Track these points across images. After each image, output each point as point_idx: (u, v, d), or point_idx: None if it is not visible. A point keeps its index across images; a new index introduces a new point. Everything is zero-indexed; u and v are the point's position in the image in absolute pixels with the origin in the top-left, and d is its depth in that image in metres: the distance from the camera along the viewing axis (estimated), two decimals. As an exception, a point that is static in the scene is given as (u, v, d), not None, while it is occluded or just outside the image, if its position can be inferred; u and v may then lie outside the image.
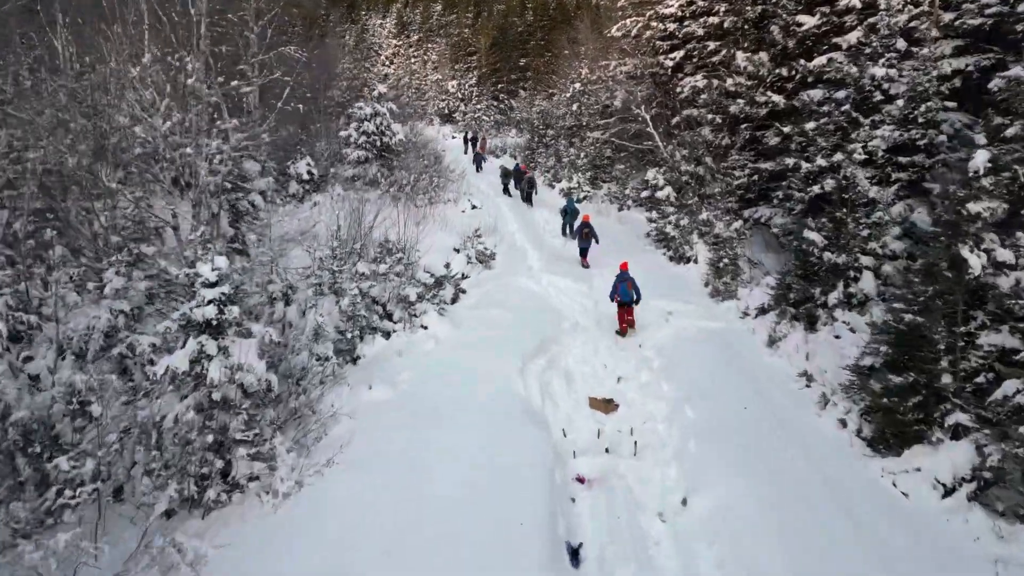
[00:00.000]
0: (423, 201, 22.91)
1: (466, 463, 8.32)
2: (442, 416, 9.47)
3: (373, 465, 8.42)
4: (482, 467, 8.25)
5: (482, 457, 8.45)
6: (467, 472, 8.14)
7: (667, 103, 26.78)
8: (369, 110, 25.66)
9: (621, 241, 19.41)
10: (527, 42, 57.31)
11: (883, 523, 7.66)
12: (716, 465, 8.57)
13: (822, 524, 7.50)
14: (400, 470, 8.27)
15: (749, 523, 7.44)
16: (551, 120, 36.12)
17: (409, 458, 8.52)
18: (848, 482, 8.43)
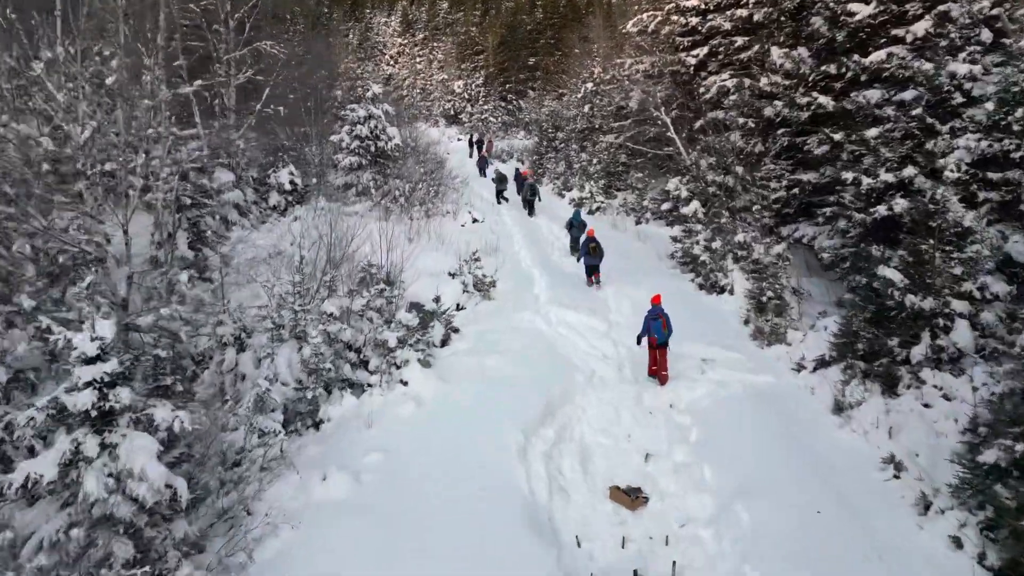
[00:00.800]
0: (419, 213, 20.48)
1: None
2: (416, 526, 7.02)
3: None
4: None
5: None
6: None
7: (689, 104, 24.22)
8: (363, 112, 23.25)
9: (641, 261, 16.90)
10: (536, 40, 54.75)
11: None
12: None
13: None
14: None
15: None
16: (561, 122, 33.63)
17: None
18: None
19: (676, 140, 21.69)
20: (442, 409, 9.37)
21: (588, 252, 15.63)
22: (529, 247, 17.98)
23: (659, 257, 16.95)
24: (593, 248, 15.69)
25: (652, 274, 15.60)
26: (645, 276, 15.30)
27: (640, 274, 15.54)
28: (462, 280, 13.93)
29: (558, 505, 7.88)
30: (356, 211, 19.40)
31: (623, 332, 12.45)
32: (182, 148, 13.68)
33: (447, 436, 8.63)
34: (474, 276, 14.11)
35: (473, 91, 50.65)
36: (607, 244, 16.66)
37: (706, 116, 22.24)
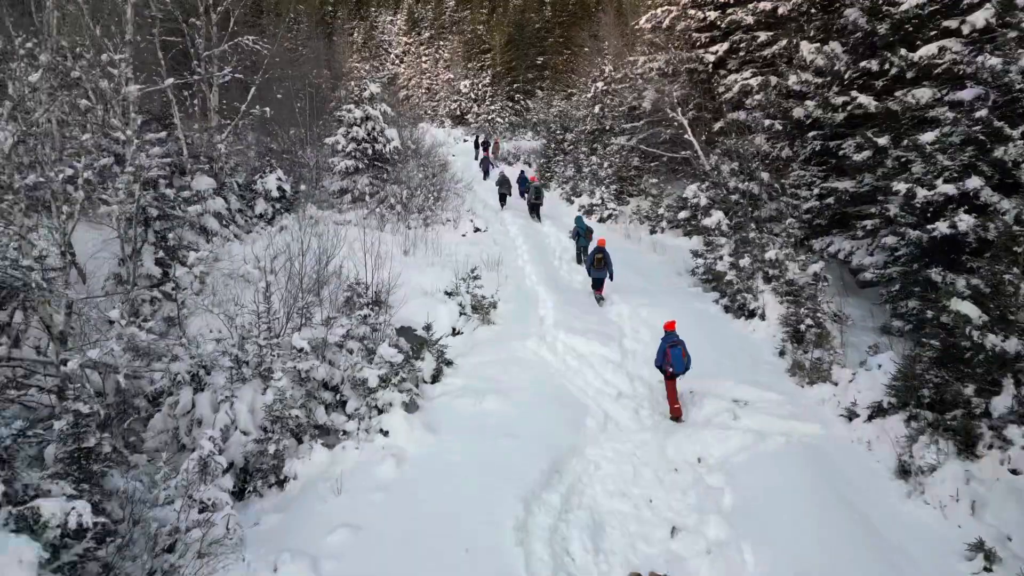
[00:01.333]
0: (417, 222, 18.96)
1: None
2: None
3: None
4: None
5: None
6: None
7: (706, 105, 22.60)
8: (359, 113, 21.76)
9: (657, 277, 15.31)
10: (545, 39, 53.16)
11: None
12: None
13: None
14: None
15: None
16: (570, 123, 32.05)
17: None
18: None
19: (694, 143, 20.08)
20: (427, 469, 7.83)
21: (592, 264, 14.14)
22: (535, 260, 16.42)
23: (678, 272, 15.35)
24: (598, 260, 14.17)
25: (671, 293, 14.02)
26: (663, 295, 13.73)
27: (657, 292, 13.96)
28: (459, 301, 12.39)
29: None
30: (349, 220, 17.91)
31: (639, 363, 10.88)
32: (148, 152, 12.20)
33: (431, 507, 7.08)
34: (473, 296, 12.57)
35: (480, 91, 49.13)
36: (619, 256, 15.13)
37: (726, 117, 20.63)
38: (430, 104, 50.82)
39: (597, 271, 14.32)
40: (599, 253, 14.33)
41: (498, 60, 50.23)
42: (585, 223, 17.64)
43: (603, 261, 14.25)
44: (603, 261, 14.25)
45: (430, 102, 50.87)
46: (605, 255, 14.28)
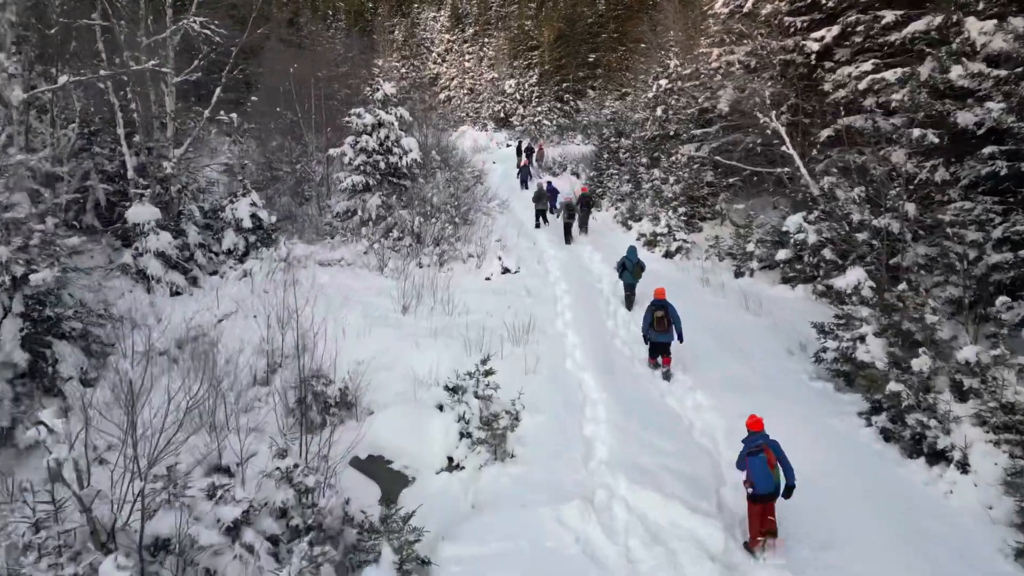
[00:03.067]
0: (431, 257, 14.59)
1: None
2: None
3: None
4: None
5: None
6: None
7: (806, 106, 17.52)
8: (370, 119, 17.61)
9: (755, 354, 10.48)
10: (598, 35, 48.27)
11: None
12: None
13: None
14: None
15: None
16: (625, 127, 27.23)
17: None
18: None
19: (794, 157, 15.06)
20: None
21: (651, 323, 9.97)
22: (580, 319, 11.77)
23: (789, 350, 10.45)
24: (659, 318, 9.97)
25: (783, 388, 9.21)
26: (772, 392, 8.94)
27: (762, 386, 9.19)
28: (461, 412, 7.88)
29: None
30: (340, 258, 13.64)
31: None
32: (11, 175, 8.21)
33: None
34: (482, 402, 8.04)
35: (526, 91, 44.61)
36: (696, 313, 10.65)
37: (837, 122, 15.55)
38: (472, 106, 46.57)
39: (659, 333, 10.02)
40: (660, 309, 10.02)
41: (546, 58, 45.59)
42: (637, 255, 13.15)
43: (666, 320, 9.98)
44: (666, 320, 9.98)
45: (472, 103, 46.63)
46: (668, 311, 9.98)
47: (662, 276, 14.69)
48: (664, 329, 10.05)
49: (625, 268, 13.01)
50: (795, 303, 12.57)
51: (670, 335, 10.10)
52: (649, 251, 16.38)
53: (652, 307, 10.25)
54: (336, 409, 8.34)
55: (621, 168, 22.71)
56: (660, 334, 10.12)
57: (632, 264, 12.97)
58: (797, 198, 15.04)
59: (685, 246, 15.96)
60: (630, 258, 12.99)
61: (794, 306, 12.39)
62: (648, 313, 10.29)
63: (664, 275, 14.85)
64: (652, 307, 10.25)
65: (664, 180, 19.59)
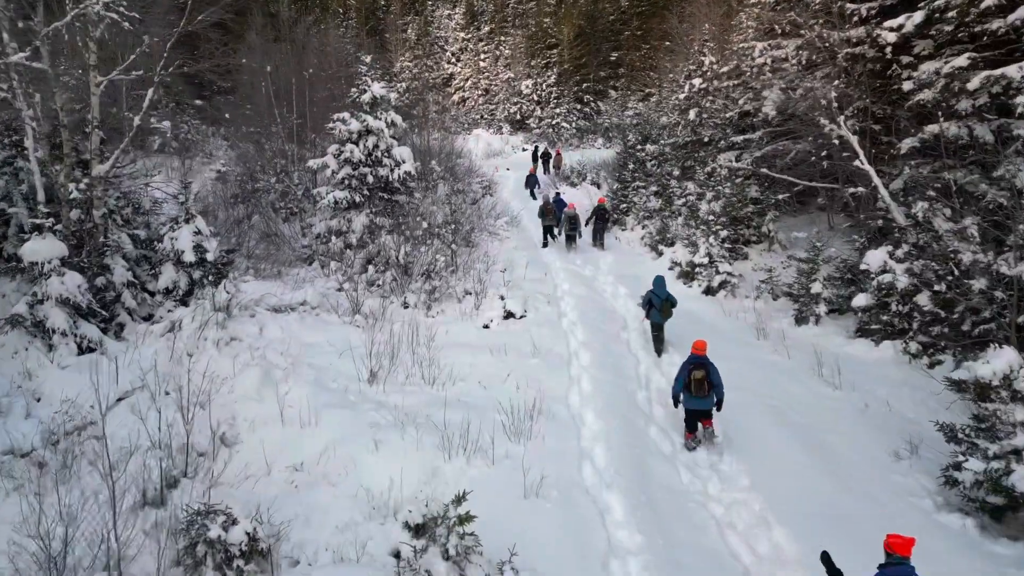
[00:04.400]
0: (418, 296, 11.79)
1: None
2: None
3: None
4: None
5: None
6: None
7: (875, 111, 14.44)
8: (356, 125, 14.93)
9: (837, 449, 7.50)
10: (620, 32, 45.20)
11: None
12: None
13: None
14: None
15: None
16: (651, 130, 24.23)
17: None
18: None
19: (871, 175, 11.97)
20: None
21: (686, 384, 7.64)
22: (604, 392, 8.84)
23: (895, 455, 7.41)
24: (699, 380, 7.62)
25: (898, 523, 6.20)
26: (885, 532, 5.93)
27: (870, 520, 6.23)
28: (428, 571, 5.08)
29: None
30: (302, 301, 10.87)
31: None
32: None
33: None
34: (452, 564, 5.21)
35: (543, 91, 41.68)
36: (750, 377, 8.37)
37: (924, 130, 12.44)
38: (487, 107, 43.74)
39: (697, 398, 7.65)
40: (699, 367, 7.63)
41: (566, 56, 42.63)
42: (666, 287, 10.64)
43: (707, 383, 7.57)
44: (707, 383, 7.57)
45: (487, 105, 43.81)
46: (708, 369, 7.73)
47: (702, 320, 11.77)
48: (704, 394, 7.63)
49: (652, 305, 10.42)
50: (883, 368, 9.55)
51: (711, 401, 7.67)
52: (685, 285, 13.42)
53: (689, 364, 7.74)
54: (242, 562, 5.57)
55: (648, 179, 19.72)
56: (699, 400, 7.68)
57: (660, 300, 10.37)
58: (875, 221, 11.99)
59: (730, 281, 12.96)
60: (657, 292, 10.40)
61: (883, 372, 9.38)
62: (683, 371, 7.77)
63: (705, 318, 11.91)
64: (689, 364, 7.74)
65: (700, 195, 16.59)
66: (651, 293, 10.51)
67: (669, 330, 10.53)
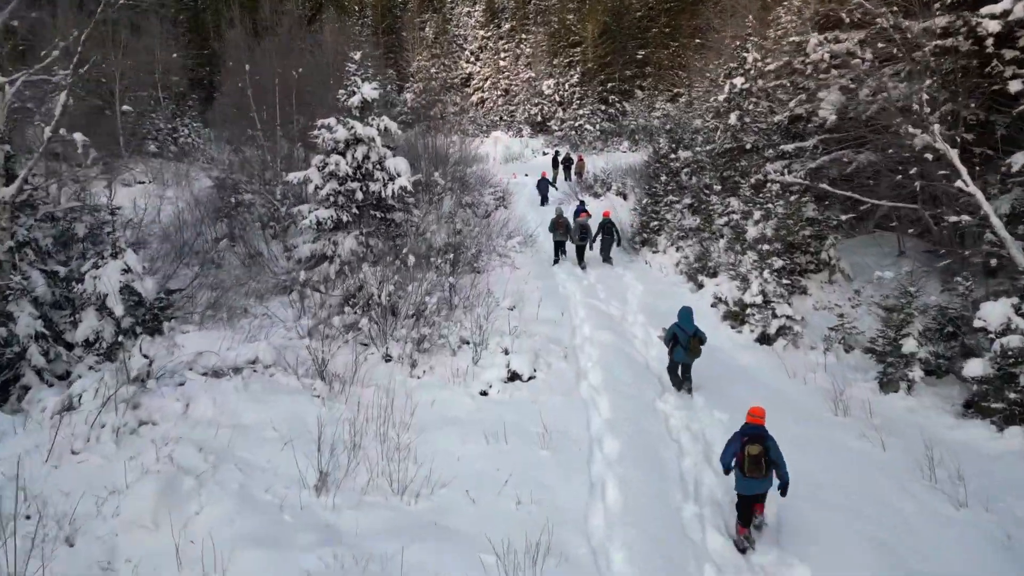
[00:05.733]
0: (403, 347, 9.41)
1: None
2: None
3: None
4: None
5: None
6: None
7: (970, 117, 11.73)
8: (343, 133, 12.65)
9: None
10: (647, 29, 42.48)
11: None
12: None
13: None
14: None
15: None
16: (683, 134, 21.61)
17: None
18: None
19: (979, 199, 9.27)
20: None
21: (741, 463, 5.91)
22: (638, 507, 6.37)
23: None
24: (754, 457, 5.86)
25: None
26: None
27: None
28: None
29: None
30: (254, 359, 8.54)
31: None
32: None
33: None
34: None
35: (566, 92, 39.13)
36: (828, 470, 6.73)
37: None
38: (506, 108, 41.32)
39: (754, 479, 5.89)
40: (755, 441, 5.85)
41: (589, 55, 40.01)
42: (693, 320, 8.74)
43: (765, 461, 5.84)
44: (765, 461, 5.84)
45: (507, 106, 41.39)
46: (767, 444, 5.86)
47: (756, 379, 9.26)
48: (761, 475, 5.81)
49: (677, 341, 8.61)
50: (1014, 466, 6.96)
51: (768, 482, 5.94)
52: (733, 329, 10.89)
53: (743, 437, 5.90)
54: None
55: (683, 192, 17.13)
56: (756, 481, 5.85)
57: (687, 336, 8.54)
58: (993, 259, 9.35)
59: (791, 327, 10.35)
60: (684, 326, 8.69)
61: (1017, 475, 6.79)
62: (734, 444, 5.99)
63: (760, 377, 9.39)
64: (743, 437, 5.90)
65: (746, 214, 14.01)
66: (676, 327, 8.72)
67: (701, 374, 8.16)
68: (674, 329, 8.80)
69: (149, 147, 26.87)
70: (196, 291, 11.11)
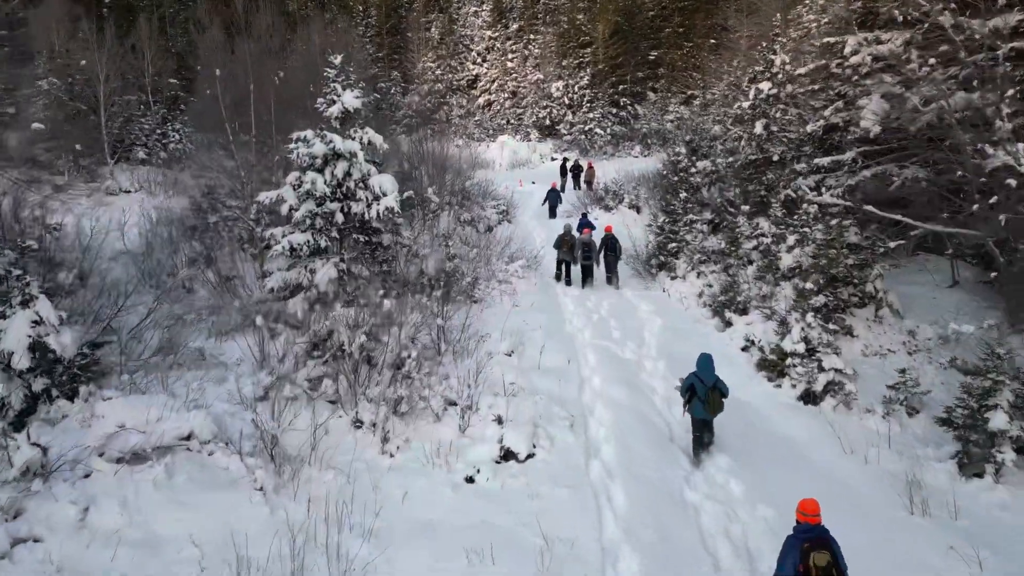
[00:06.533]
0: (376, 408, 7.75)
1: None
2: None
3: None
4: None
5: None
6: None
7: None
8: (320, 147, 11.03)
9: None
10: (660, 29, 40.66)
11: None
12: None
13: None
14: None
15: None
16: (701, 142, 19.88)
17: None
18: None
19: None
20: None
21: None
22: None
23: None
24: (824, 568, 4.32)
25: None
26: None
27: None
28: None
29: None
30: (188, 434, 6.91)
31: None
32: None
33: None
34: None
35: (575, 94, 37.35)
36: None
37: None
38: (514, 111, 39.61)
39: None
40: (819, 546, 4.44)
41: (600, 56, 38.19)
42: (713, 368, 7.45)
43: (836, 570, 4.38)
44: (836, 570, 4.38)
45: (514, 108, 39.69)
46: (834, 549, 4.46)
47: (805, 454, 7.53)
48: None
49: (694, 393, 7.25)
50: None
51: None
52: (771, 382, 9.16)
53: (801, 541, 4.56)
54: None
55: (703, 209, 15.38)
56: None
57: (706, 388, 7.19)
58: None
59: (841, 383, 8.60)
60: (703, 376, 7.40)
61: None
62: (791, 551, 4.55)
63: (808, 451, 7.66)
64: (801, 541, 4.56)
65: (778, 237, 12.27)
66: (694, 377, 7.46)
67: (735, 447, 6.50)
68: (692, 380, 7.42)
69: (138, 154, 25.43)
70: (144, 331, 9.52)
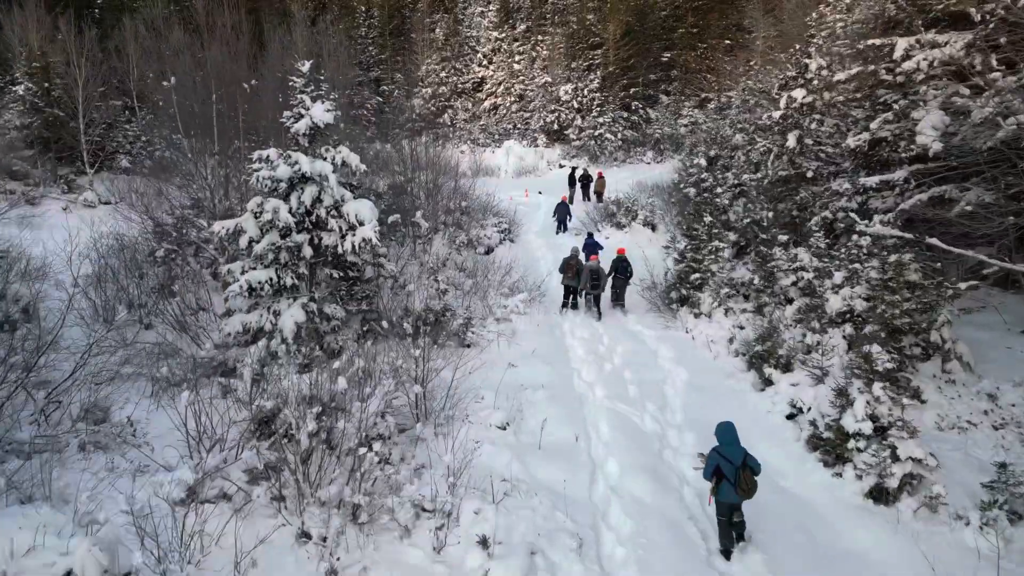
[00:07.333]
0: (328, 512, 5.96)
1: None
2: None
3: None
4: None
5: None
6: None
7: None
8: (285, 170, 9.27)
9: None
10: (673, 30, 38.76)
11: None
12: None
13: None
14: None
15: None
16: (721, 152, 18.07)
17: None
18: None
19: None
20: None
21: None
22: None
23: None
24: None
25: None
26: None
27: None
28: None
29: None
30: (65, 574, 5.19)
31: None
32: None
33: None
34: None
35: (585, 97, 35.45)
36: None
37: None
38: (521, 115, 37.73)
39: None
40: None
41: (611, 57, 36.26)
42: (738, 439, 6.05)
43: None
44: None
45: (521, 112, 37.82)
46: None
47: None
48: None
49: (721, 474, 5.79)
50: None
51: None
52: (828, 468, 7.27)
53: None
54: None
55: (729, 233, 13.49)
56: None
57: (734, 468, 5.85)
58: None
59: (920, 476, 6.72)
60: (727, 453, 5.93)
61: None
62: None
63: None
64: None
65: (822, 272, 10.39)
66: (717, 454, 5.98)
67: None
68: (716, 459, 5.93)
69: (121, 162, 23.81)
70: (68, 390, 7.82)
